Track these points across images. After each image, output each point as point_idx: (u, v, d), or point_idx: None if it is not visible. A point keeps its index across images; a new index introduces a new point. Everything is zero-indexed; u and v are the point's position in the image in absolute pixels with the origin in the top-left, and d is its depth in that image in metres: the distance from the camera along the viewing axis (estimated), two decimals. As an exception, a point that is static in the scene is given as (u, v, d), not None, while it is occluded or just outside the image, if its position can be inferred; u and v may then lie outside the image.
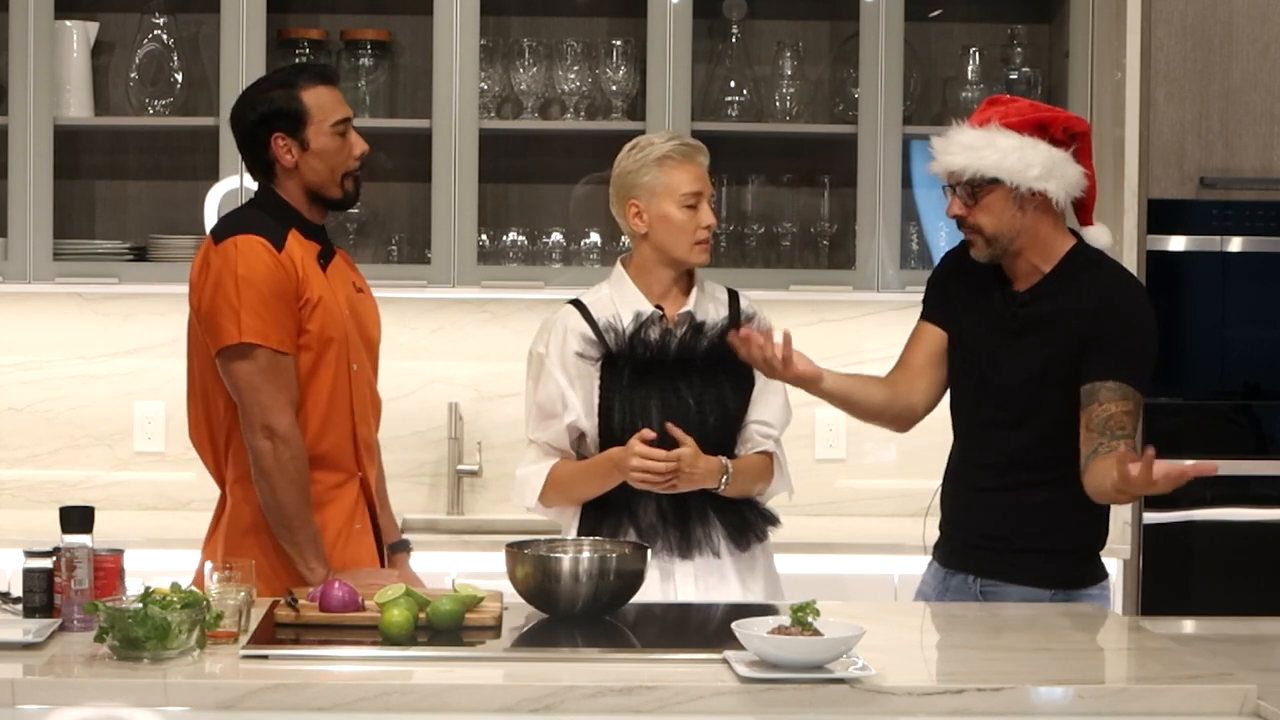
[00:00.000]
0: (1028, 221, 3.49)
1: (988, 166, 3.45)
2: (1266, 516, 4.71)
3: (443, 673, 2.86)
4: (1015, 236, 3.49)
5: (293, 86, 3.60)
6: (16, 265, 4.76)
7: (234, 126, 3.66)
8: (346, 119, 3.64)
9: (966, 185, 3.48)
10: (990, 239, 3.50)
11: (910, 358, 3.68)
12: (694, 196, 3.70)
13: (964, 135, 3.49)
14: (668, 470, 3.58)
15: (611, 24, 5.05)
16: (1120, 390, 3.39)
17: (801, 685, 2.75)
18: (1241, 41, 4.68)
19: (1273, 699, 2.75)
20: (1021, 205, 3.47)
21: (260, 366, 3.50)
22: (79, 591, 3.02)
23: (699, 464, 3.62)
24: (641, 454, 3.59)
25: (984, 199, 3.47)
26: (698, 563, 3.69)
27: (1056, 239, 3.53)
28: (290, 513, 3.51)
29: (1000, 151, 3.44)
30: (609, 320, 3.72)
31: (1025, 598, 3.51)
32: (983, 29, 5.12)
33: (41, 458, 5.08)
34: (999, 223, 3.48)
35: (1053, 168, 3.45)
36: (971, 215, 3.50)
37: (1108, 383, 3.39)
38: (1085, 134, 3.53)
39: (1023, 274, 3.55)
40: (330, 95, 3.64)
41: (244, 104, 3.64)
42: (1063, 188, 3.48)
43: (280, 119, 3.58)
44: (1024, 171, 3.44)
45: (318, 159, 3.61)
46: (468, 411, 5.07)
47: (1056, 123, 3.48)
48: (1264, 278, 4.74)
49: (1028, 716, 2.77)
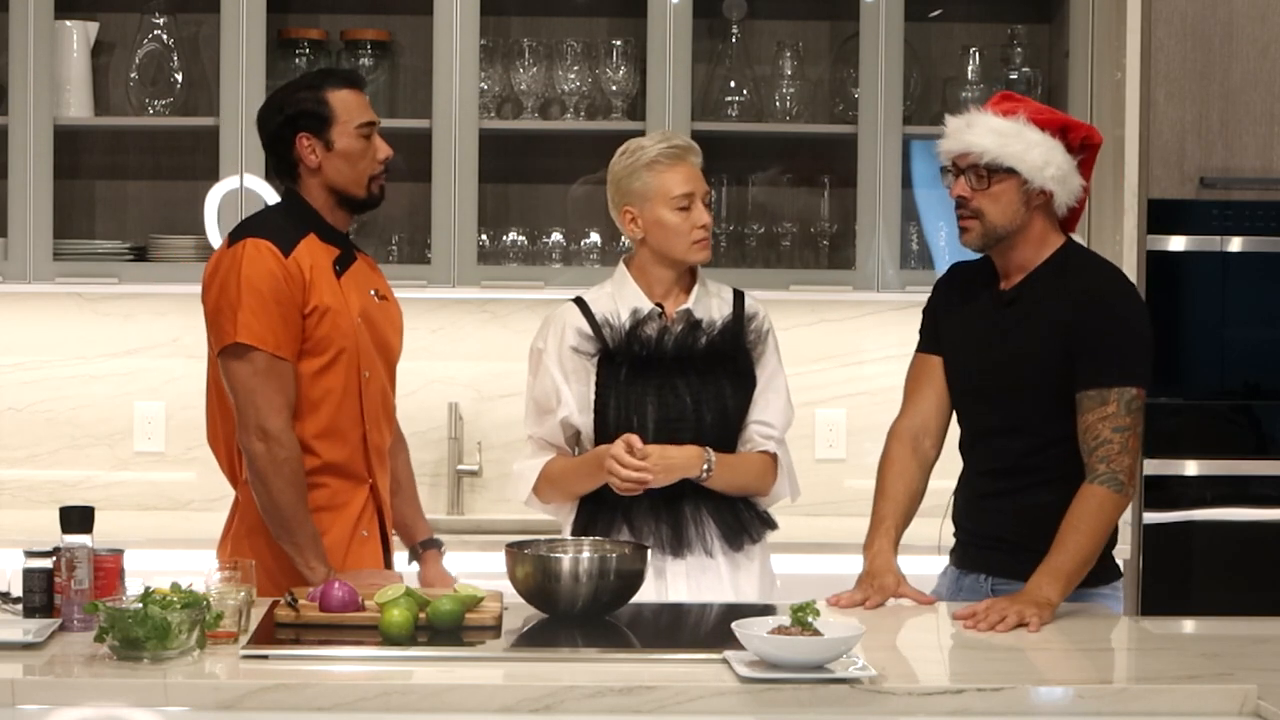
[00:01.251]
0: (1027, 218, 3.49)
1: (1010, 155, 3.45)
2: (1266, 516, 4.71)
3: (443, 673, 2.86)
4: (1012, 230, 3.49)
5: (319, 89, 3.63)
6: (16, 265, 4.76)
7: (260, 128, 3.69)
8: (372, 122, 3.66)
9: (981, 169, 3.47)
10: (988, 227, 3.49)
11: (918, 400, 3.65)
12: (686, 198, 3.70)
13: (992, 120, 3.48)
14: (633, 478, 3.58)
15: (611, 24, 5.05)
16: (1098, 397, 3.40)
17: (801, 685, 2.75)
18: (1241, 41, 4.68)
19: (1273, 699, 2.75)
20: (1027, 201, 3.47)
21: (257, 369, 3.50)
22: (79, 591, 3.02)
23: (669, 455, 3.61)
24: (615, 456, 3.59)
25: (995, 186, 3.47)
26: (690, 561, 3.69)
27: (1049, 237, 3.53)
28: (288, 513, 3.51)
29: (1026, 144, 3.44)
30: (607, 316, 3.72)
31: None
32: (983, 29, 5.12)
33: (41, 458, 5.08)
34: (1003, 213, 3.48)
35: (1066, 174, 3.47)
36: (976, 199, 3.49)
37: (1089, 391, 3.41)
38: (1096, 148, 3.54)
39: (1012, 269, 3.55)
40: (356, 99, 3.66)
41: (270, 106, 3.68)
42: (1066, 195, 3.49)
43: (306, 119, 3.61)
44: (1042, 169, 3.45)
45: (342, 160, 3.62)
46: (468, 411, 5.07)
47: (1078, 131, 3.50)
48: (1264, 278, 4.74)
49: (1028, 716, 2.77)
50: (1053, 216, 3.52)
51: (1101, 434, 3.39)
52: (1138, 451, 3.43)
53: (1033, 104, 3.54)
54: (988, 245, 3.52)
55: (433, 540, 3.86)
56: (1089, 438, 3.41)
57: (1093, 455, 3.40)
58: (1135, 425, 3.42)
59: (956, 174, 3.51)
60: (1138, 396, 3.42)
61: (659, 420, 3.67)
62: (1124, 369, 3.41)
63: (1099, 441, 3.39)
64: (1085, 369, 3.42)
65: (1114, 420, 3.39)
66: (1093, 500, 3.39)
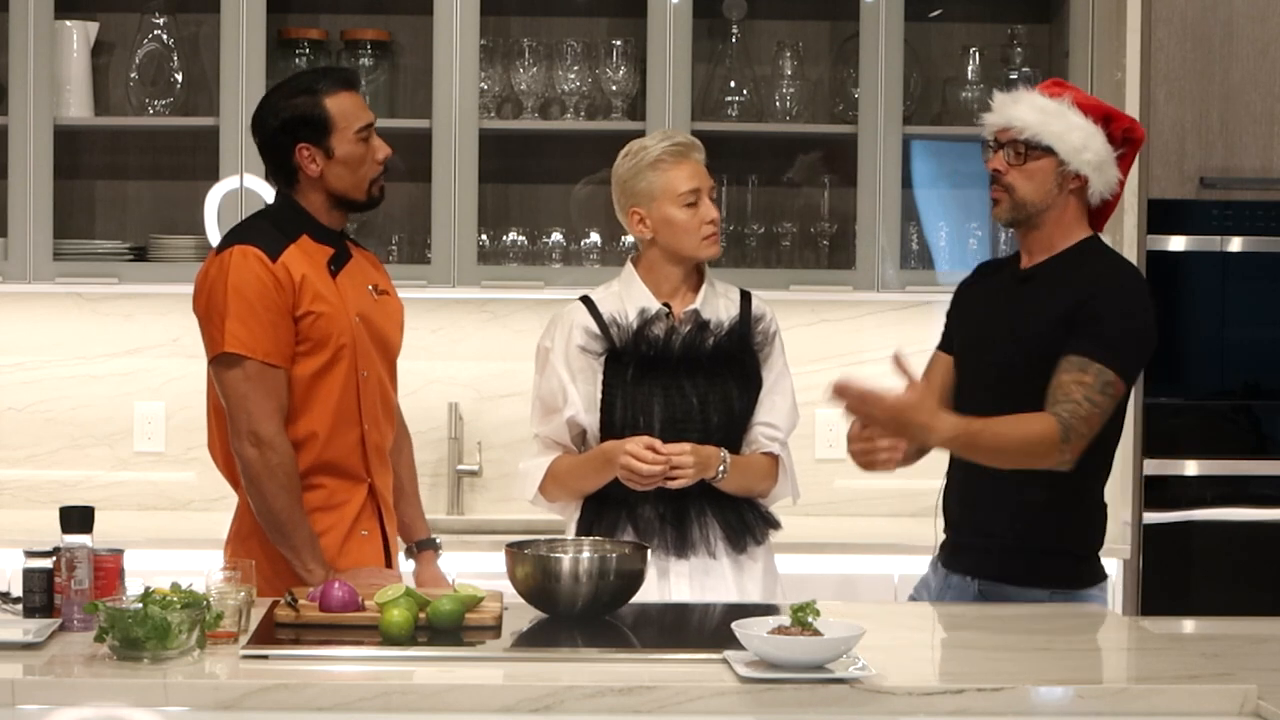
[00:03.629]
0: (1060, 200, 3.51)
1: (1051, 134, 3.47)
2: (1266, 516, 4.71)
3: (443, 673, 2.86)
4: (1043, 210, 3.51)
5: (316, 93, 3.60)
6: (16, 265, 4.76)
7: (255, 132, 3.66)
8: (370, 124, 3.64)
9: (1020, 144, 3.49)
10: (1018, 203, 3.51)
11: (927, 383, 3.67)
12: (693, 194, 3.70)
13: (1037, 99, 3.51)
14: (653, 473, 3.58)
15: (611, 24, 5.05)
16: (1079, 363, 3.37)
17: (801, 685, 2.75)
18: (1241, 41, 4.68)
19: (1273, 699, 2.75)
20: (1062, 183, 3.50)
21: (248, 375, 3.50)
22: (79, 591, 3.02)
23: (700, 450, 3.62)
24: (631, 452, 3.59)
25: (1031, 163, 3.49)
26: (694, 562, 3.69)
27: (1076, 226, 3.55)
28: (283, 517, 3.51)
29: (1068, 125, 3.47)
30: (614, 316, 3.72)
31: (1023, 598, 3.51)
32: (983, 29, 5.12)
33: (41, 458, 5.08)
34: (1036, 191, 3.50)
35: (1103, 161, 3.49)
36: (1010, 174, 3.51)
37: (1070, 356, 3.39)
38: (1137, 144, 3.56)
39: (1036, 249, 3.56)
40: (353, 101, 3.63)
41: (266, 109, 3.64)
42: (1103, 183, 3.51)
43: (304, 127, 3.58)
44: (1080, 153, 3.47)
45: (343, 166, 3.61)
46: (468, 411, 5.07)
47: (1121, 121, 3.53)
48: (1264, 278, 4.74)
49: (1028, 716, 2.77)
50: (1084, 206, 3.53)
51: (1073, 394, 3.35)
52: (1095, 432, 3.38)
53: (1081, 92, 3.57)
54: (1016, 220, 3.54)
55: (429, 540, 3.86)
56: (1059, 393, 3.36)
57: (1059, 405, 3.35)
58: (1104, 408, 3.38)
59: (996, 148, 3.53)
60: (1114, 383, 3.38)
61: (665, 420, 3.67)
62: (1111, 352, 3.39)
63: (1068, 399, 3.35)
64: (1075, 339, 3.40)
65: (1087, 390, 3.36)
66: (1040, 420, 3.34)
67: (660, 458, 3.58)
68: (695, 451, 3.62)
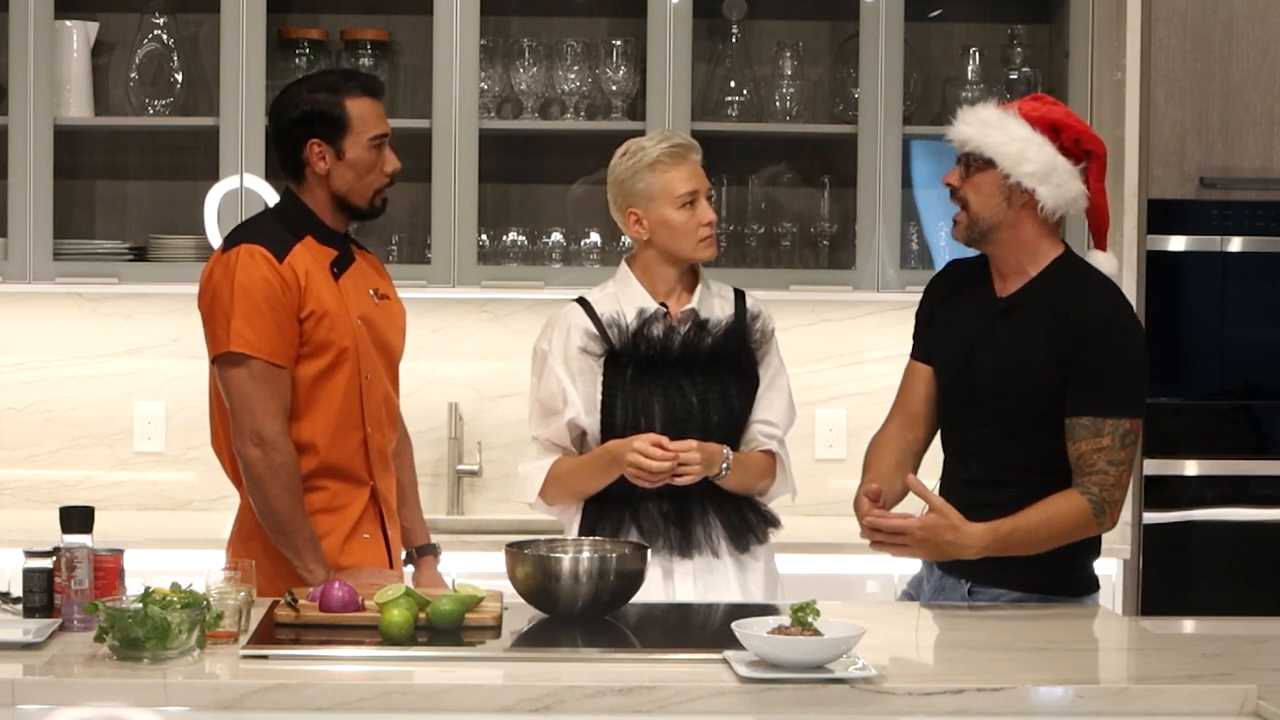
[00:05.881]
0: (1011, 216, 3.47)
1: (989, 145, 3.45)
2: (1266, 516, 4.71)
3: (443, 673, 2.86)
4: (996, 226, 3.48)
5: (338, 93, 3.60)
6: (16, 265, 4.76)
7: (271, 120, 3.67)
8: (384, 135, 3.64)
9: (967, 157, 3.50)
10: (972, 218, 3.50)
11: (907, 400, 3.67)
12: (691, 196, 3.70)
13: (985, 111, 3.50)
14: (662, 469, 3.58)
15: (611, 24, 5.05)
16: (1093, 427, 3.38)
17: (801, 685, 2.75)
18: (1241, 41, 4.68)
19: (1273, 699, 2.75)
20: (1009, 197, 3.46)
21: (251, 374, 3.50)
22: (79, 591, 3.02)
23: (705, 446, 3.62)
24: (640, 450, 3.59)
25: (975, 176, 3.49)
26: (697, 562, 3.69)
27: (1042, 245, 3.50)
28: (284, 518, 3.51)
29: (1007, 137, 3.44)
30: (613, 316, 3.72)
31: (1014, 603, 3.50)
32: (983, 29, 5.12)
33: (41, 458, 5.08)
34: (983, 205, 3.48)
35: (1050, 173, 3.43)
36: (964, 189, 3.51)
37: (1082, 419, 3.40)
38: (1099, 155, 3.49)
39: (1008, 273, 3.53)
40: (373, 108, 3.63)
41: (285, 100, 3.64)
42: (1055, 197, 3.44)
43: (320, 123, 3.58)
44: (1019, 164, 3.43)
45: (350, 169, 3.60)
46: (468, 411, 5.07)
47: (1069, 131, 3.46)
48: (1264, 278, 4.74)
49: (1028, 716, 2.77)
50: (1044, 221, 3.49)
51: (1097, 464, 3.38)
52: (1128, 486, 3.43)
53: (1047, 103, 3.52)
54: (973, 239, 3.53)
55: (429, 546, 3.85)
56: (1083, 464, 3.40)
57: (1086, 478, 3.39)
58: (1129, 459, 3.40)
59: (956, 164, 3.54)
60: (1132, 429, 3.40)
61: (665, 420, 3.67)
62: (1121, 400, 3.40)
63: (1094, 470, 3.39)
64: (1080, 396, 3.40)
65: (1109, 454, 3.38)
66: (1070, 503, 3.38)
67: (668, 454, 3.59)
68: (701, 448, 3.62)
